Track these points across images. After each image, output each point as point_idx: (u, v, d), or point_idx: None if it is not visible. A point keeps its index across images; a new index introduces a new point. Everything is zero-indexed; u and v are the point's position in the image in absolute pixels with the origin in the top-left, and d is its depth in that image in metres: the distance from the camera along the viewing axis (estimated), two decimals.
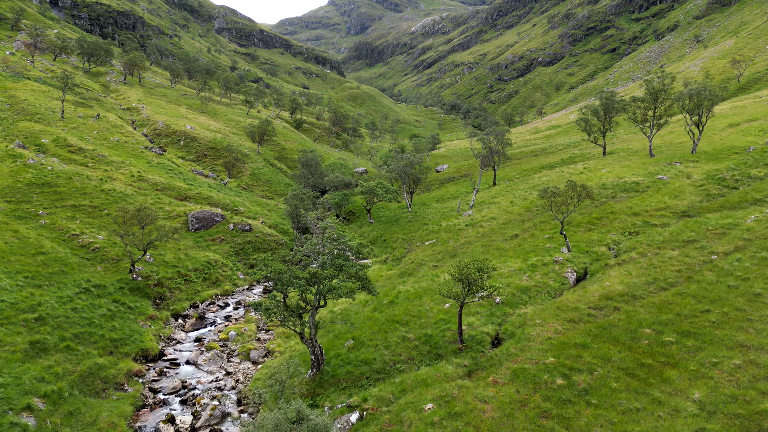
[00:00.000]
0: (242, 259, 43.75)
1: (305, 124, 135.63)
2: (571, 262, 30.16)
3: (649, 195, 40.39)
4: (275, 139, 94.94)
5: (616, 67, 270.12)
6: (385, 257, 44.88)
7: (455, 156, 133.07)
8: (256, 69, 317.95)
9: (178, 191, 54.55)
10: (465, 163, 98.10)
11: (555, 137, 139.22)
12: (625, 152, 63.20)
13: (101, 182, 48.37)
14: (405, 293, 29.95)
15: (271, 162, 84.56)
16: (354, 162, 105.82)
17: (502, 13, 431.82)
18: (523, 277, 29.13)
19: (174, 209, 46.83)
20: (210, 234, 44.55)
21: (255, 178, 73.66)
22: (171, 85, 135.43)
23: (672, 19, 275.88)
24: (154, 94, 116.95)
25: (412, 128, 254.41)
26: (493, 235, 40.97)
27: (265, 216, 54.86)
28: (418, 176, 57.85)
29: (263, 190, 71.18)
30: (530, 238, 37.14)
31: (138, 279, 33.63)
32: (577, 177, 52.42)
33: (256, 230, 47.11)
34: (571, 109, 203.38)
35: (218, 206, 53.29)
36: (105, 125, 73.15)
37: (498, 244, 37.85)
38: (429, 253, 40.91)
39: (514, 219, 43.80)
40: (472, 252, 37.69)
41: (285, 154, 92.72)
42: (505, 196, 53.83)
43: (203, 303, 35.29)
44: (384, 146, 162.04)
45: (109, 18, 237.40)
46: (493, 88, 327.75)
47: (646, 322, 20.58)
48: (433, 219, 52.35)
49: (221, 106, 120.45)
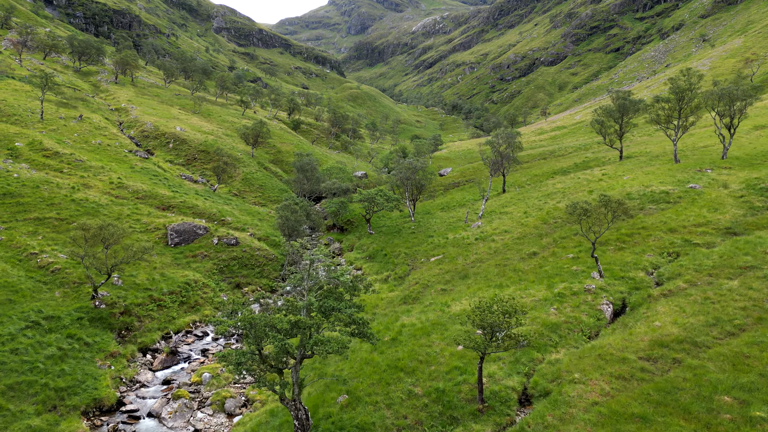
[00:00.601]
0: (227, 278, 39.16)
1: (303, 125, 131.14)
2: (606, 291, 25.58)
3: (683, 207, 35.80)
4: (270, 141, 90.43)
5: (621, 66, 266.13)
6: (386, 275, 40.30)
7: (458, 158, 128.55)
8: (255, 69, 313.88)
9: (160, 200, 50.00)
10: (470, 166, 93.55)
11: (561, 138, 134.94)
12: (644, 156, 58.61)
13: (73, 191, 43.81)
14: (410, 327, 25.38)
15: (265, 166, 80.00)
16: (353, 165, 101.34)
17: (503, 12, 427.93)
18: (550, 309, 24.56)
19: (153, 221, 42.28)
20: (191, 249, 40.00)
21: (247, 183, 69.08)
22: (165, 84, 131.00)
23: (677, 18, 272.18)
24: (145, 94, 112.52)
25: (413, 129, 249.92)
26: (508, 252, 36.38)
27: (255, 227, 50.28)
28: (422, 183, 53.30)
29: (256, 197, 66.63)
30: (552, 258, 32.55)
31: (101, 307, 29.09)
32: (596, 185, 47.89)
33: (243, 244, 42.55)
34: (576, 110, 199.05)
35: (204, 216, 48.73)
36: (87, 127, 68.63)
37: (515, 264, 33.24)
38: (435, 273, 36.33)
39: (530, 233, 39.23)
40: (486, 273, 33.11)
41: (281, 157, 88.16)
42: (517, 205, 49.25)
43: (178, 333, 30.72)
44: (384, 147, 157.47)
45: (105, 17, 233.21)
46: (495, 88, 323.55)
47: (722, 386, 16.00)
48: (438, 230, 47.78)
49: (216, 107, 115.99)
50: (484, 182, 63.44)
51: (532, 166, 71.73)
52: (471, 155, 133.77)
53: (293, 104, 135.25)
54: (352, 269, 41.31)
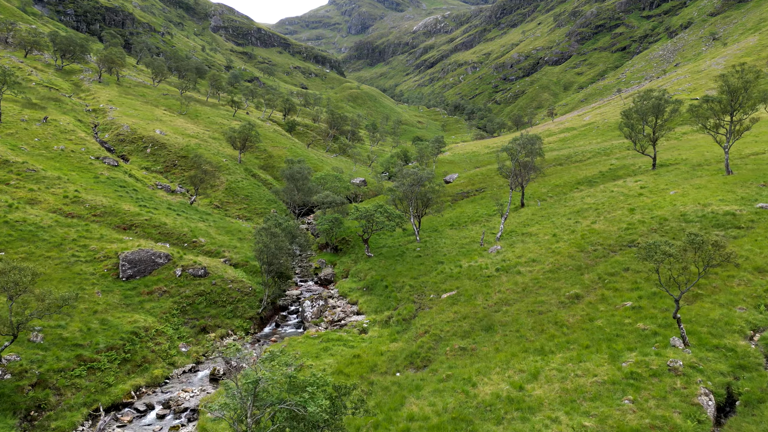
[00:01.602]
0: (190, 319, 31.61)
1: (299, 127, 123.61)
2: (699, 371, 18.01)
3: (762, 235, 28.24)
4: (261, 144, 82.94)
5: (628, 66, 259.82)
6: (388, 315, 32.70)
7: (463, 161, 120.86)
8: (253, 68, 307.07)
9: (122, 217, 42.47)
10: (477, 171, 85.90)
11: (572, 141, 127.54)
12: (683, 165, 50.99)
13: (9, 209, 36.27)
14: (421, 423, 17.83)
15: (253, 172, 72.38)
16: (351, 170, 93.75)
17: (506, 11, 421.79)
18: (623, 401, 17.00)
19: (104, 247, 34.74)
20: (147, 284, 32.50)
21: (231, 193, 61.53)
22: (153, 84, 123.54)
23: (685, 16, 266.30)
24: (130, 93, 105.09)
25: (415, 130, 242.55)
26: (541, 292, 28.82)
27: (233, 249, 42.72)
28: (429, 196, 45.76)
29: (240, 209, 59.12)
30: (602, 305, 25.00)
31: (5, 378, 21.61)
32: (636, 201, 40.32)
33: (213, 275, 35.02)
34: (584, 110, 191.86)
35: (171, 237, 41.18)
36: (51, 131, 61.12)
37: (554, 312, 25.66)
38: (449, 317, 28.75)
39: (564, 264, 31.65)
40: (517, 324, 25.53)
41: (272, 162, 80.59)
42: (542, 224, 41.68)
43: (109, 410, 23.17)
44: (385, 150, 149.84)
45: (97, 14, 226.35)
46: (498, 88, 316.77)
47: None
48: (449, 254, 40.18)
49: (206, 108, 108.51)
50: (501, 195, 55.84)
51: (550, 174, 64.08)
52: (477, 158, 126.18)
53: (289, 104, 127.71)
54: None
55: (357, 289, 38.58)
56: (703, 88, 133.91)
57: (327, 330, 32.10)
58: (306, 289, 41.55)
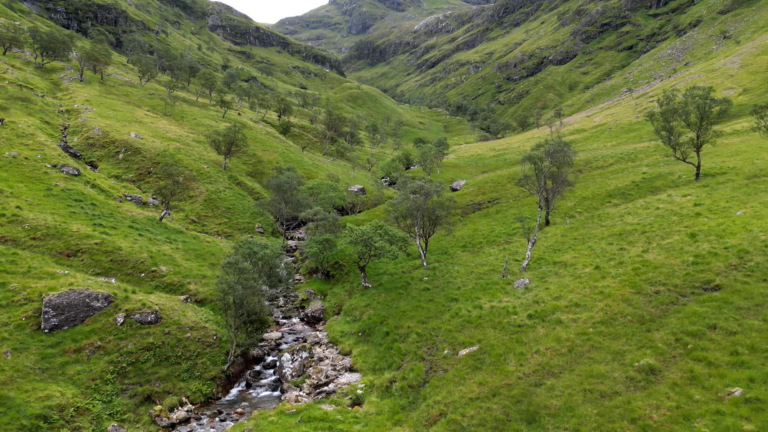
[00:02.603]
0: (130, 386, 24.04)
1: (295, 128, 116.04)
2: None
3: None
4: (250, 149, 75.47)
5: (635, 65, 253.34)
6: (389, 377, 25.12)
7: (469, 165, 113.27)
8: (251, 68, 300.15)
9: (67, 240, 34.97)
10: (486, 178, 78.28)
11: (584, 143, 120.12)
12: (735, 175, 43.38)
13: None
14: None
15: (239, 180, 64.80)
16: (350, 176, 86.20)
17: (508, 10, 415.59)
18: None
19: (27, 286, 27.22)
20: (76, 337, 25.02)
21: (211, 205, 54.04)
22: (141, 82, 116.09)
23: (694, 14, 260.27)
24: (112, 93, 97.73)
25: (416, 131, 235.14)
26: (595, 356, 21.27)
27: (201, 280, 35.20)
28: (438, 213, 38.24)
29: (220, 223, 51.61)
30: (696, 390, 17.45)
31: None
32: (693, 222, 32.76)
33: (167, 320, 27.51)
34: (592, 111, 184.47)
35: (125, 267, 33.66)
36: (6, 134, 53.65)
37: (626, 400, 18.04)
38: (472, 391, 21.19)
39: (620, 312, 24.09)
40: (572, 416, 17.96)
41: (261, 168, 73.00)
42: (577, 249, 34.13)
43: None
44: (386, 152, 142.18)
45: (89, 12, 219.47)
46: (502, 88, 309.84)
47: None
48: (464, 288, 32.62)
49: (194, 108, 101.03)
50: (521, 209, 48.20)
51: (576, 184, 56.50)
52: (483, 162, 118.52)
53: (284, 105, 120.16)
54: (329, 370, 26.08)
55: (351, 334, 30.98)
56: (720, 87, 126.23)
57: (310, 398, 24.58)
58: (289, 330, 34.01)
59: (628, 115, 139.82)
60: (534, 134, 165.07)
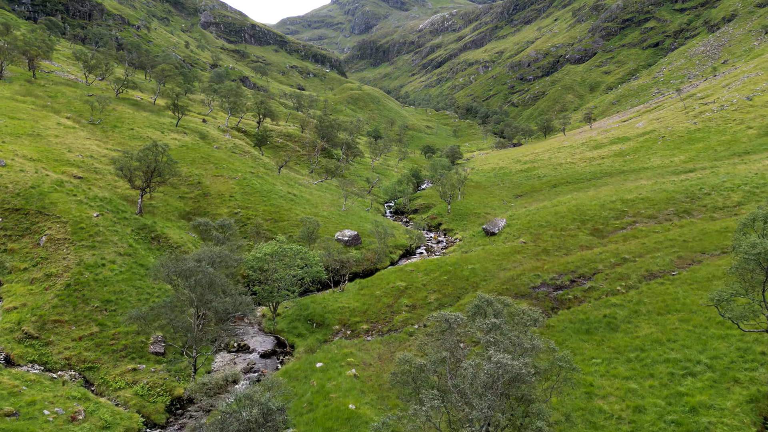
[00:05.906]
0: None
1: (276, 138, 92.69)
2: None
3: None
4: (194, 174, 52.32)
5: (663, 63, 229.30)
6: None
7: (494, 185, 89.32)
8: (244, 67, 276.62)
9: None
10: (535, 215, 53.65)
11: (634, 157, 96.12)
12: None
13: None
14: None
15: (157, 234, 41.19)
16: (341, 208, 62.63)
17: (519, 7, 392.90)
18: None
19: None
20: None
21: (75, 296, 30.73)
22: (86, 81, 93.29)
23: (727, 8, 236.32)
24: (33, 94, 75.01)
25: (423, 136, 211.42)
26: None
27: None
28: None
29: (80, 338, 28.36)
30: None
31: None
32: None
33: None
34: (627, 114, 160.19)
35: None
36: None
37: None
38: None
39: None
40: None
41: (206, 204, 49.52)
42: None
43: None
44: (390, 163, 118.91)
45: (58, 4, 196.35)
46: (515, 88, 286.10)
47: None
48: None
49: (142, 113, 78.10)
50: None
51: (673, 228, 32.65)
52: (510, 179, 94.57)
53: (265, 108, 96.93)
54: None
55: None
56: None
57: None
58: None
59: (680, 121, 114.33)
60: (562, 142, 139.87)
